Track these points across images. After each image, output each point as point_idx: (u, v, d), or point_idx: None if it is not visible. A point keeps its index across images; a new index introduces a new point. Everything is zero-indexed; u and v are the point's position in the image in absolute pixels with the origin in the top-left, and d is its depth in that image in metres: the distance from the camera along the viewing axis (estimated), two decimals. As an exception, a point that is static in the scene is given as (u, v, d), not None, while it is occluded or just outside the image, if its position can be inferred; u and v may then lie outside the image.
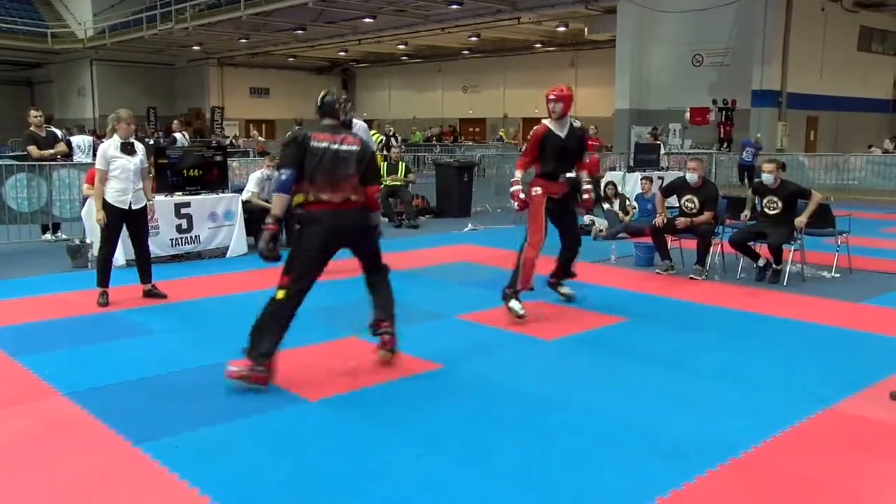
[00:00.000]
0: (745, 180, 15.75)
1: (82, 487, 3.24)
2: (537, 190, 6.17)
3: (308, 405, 4.18)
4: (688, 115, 19.90)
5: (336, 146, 4.51)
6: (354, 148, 4.57)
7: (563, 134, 6.15)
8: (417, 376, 4.66)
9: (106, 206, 6.27)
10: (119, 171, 6.26)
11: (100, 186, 6.28)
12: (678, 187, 8.04)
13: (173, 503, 3.11)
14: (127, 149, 6.33)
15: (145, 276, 6.71)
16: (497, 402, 4.24)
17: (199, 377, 4.65)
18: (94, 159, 11.53)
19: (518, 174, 6.29)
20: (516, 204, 6.30)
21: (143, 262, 6.69)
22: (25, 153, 10.35)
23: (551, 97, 6.13)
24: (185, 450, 3.58)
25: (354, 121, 6.86)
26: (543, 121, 6.21)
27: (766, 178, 7.57)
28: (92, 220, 8.34)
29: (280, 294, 4.41)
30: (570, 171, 6.23)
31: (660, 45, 21.35)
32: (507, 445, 3.65)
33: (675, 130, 19.41)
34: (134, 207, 6.36)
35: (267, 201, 9.38)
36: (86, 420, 3.95)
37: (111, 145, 6.32)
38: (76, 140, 13.96)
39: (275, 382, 4.42)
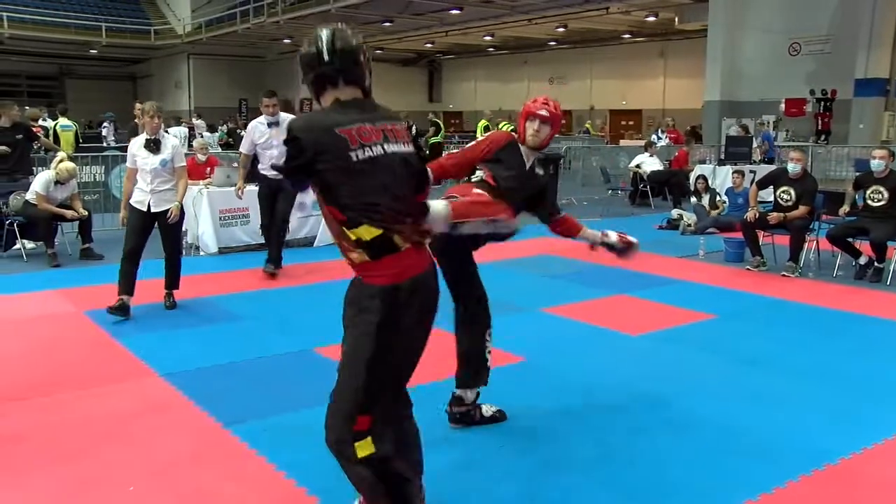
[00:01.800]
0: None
1: (175, 464, 3.38)
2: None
3: (391, 393, 4.23)
4: (783, 106, 19.11)
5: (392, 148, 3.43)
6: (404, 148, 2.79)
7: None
8: (500, 368, 4.64)
9: (130, 207, 5.88)
10: (140, 170, 5.82)
11: (128, 184, 5.92)
12: (776, 178, 7.77)
13: (260, 484, 3.20)
14: (150, 146, 5.78)
15: (168, 282, 6.12)
16: (579, 397, 4.20)
17: (284, 363, 4.78)
18: (189, 149, 11.99)
19: None
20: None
21: (168, 268, 6.10)
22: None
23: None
24: (271, 433, 3.69)
25: (283, 116, 7.11)
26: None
27: (876, 164, 7.23)
28: (187, 208, 8.70)
29: (361, 450, 2.61)
30: None
31: (754, 33, 20.56)
32: (589, 441, 3.61)
33: (768, 122, 18.68)
34: (154, 210, 5.80)
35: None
36: (180, 401, 4.12)
37: (136, 142, 5.90)
38: (173, 131, 14.54)
39: None
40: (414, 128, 12.28)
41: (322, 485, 3.15)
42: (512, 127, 17.86)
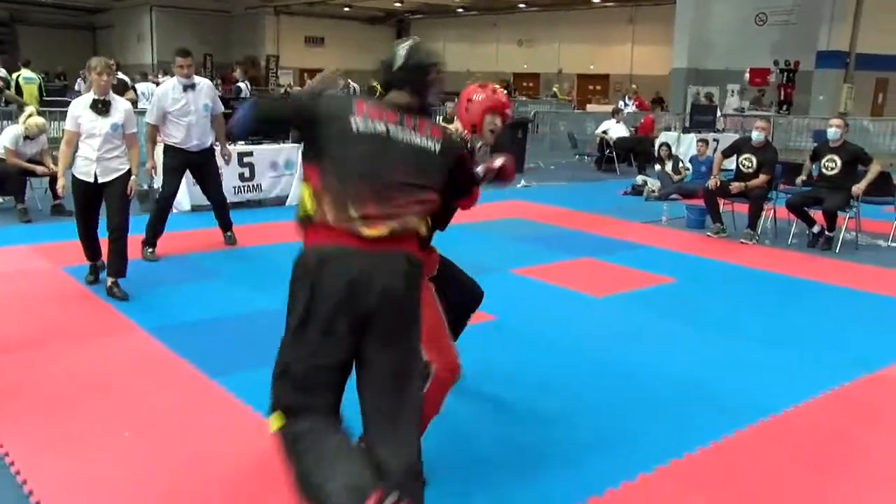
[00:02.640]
0: None
1: (165, 414, 3.55)
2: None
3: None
4: (747, 76, 19.47)
5: (409, 137, 3.10)
6: (430, 146, 2.68)
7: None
8: (472, 326, 4.85)
9: (73, 178, 5.28)
10: (84, 134, 5.19)
11: (66, 150, 5.27)
12: (739, 146, 8.05)
13: (248, 431, 3.39)
14: (98, 107, 5.16)
15: (113, 268, 5.33)
16: (547, 354, 4.45)
17: (265, 320, 4.91)
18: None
19: None
20: None
21: (113, 251, 5.31)
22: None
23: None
24: (259, 385, 3.86)
25: (198, 81, 6.58)
26: None
27: (832, 133, 7.51)
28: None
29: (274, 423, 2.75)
30: None
31: (721, 2, 20.82)
32: (554, 391, 3.87)
33: (732, 91, 19.04)
34: (101, 180, 5.24)
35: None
36: (166, 354, 4.27)
37: (79, 103, 5.24)
38: (140, 87, 14.38)
39: None
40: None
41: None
42: (567, 88, 17.89)
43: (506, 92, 3.50)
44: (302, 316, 2.40)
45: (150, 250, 6.48)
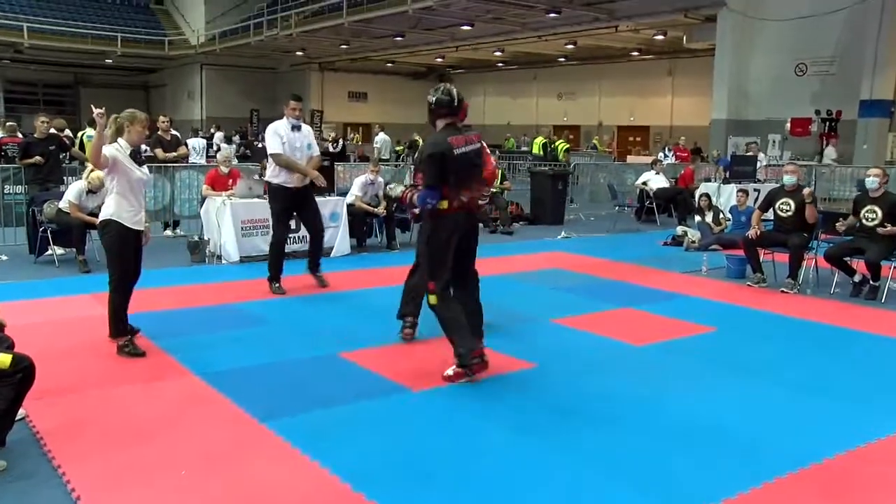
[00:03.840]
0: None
1: (217, 454, 3.71)
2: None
3: (411, 394, 4.57)
4: (788, 125, 19.43)
5: (469, 148, 4.69)
6: (479, 146, 4.84)
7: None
8: (513, 374, 4.98)
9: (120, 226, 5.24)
10: (136, 182, 5.28)
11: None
12: (774, 195, 8.09)
13: (297, 472, 3.53)
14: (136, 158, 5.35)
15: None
16: (586, 399, 4.52)
17: (312, 366, 5.10)
18: (207, 161, 12.35)
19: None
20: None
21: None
22: (153, 155, 11.18)
23: None
24: (305, 428, 4.02)
25: (303, 125, 7.31)
26: None
27: (870, 182, 7.51)
28: (210, 218, 9.06)
29: (432, 300, 4.75)
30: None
31: (760, 53, 20.91)
32: (595, 439, 3.94)
33: (773, 142, 18.99)
34: (137, 229, 5.39)
35: (369, 204, 9.90)
36: (217, 397, 4.45)
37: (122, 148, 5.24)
38: (192, 143, 14.93)
39: (366, 366, 4.91)
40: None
41: (354, 473, 3.48)
42: (545, 141, 18.29)
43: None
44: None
45: (277, 285, 7.24)
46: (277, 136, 7.17)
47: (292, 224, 9.11)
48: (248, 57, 33.69)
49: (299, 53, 33.17)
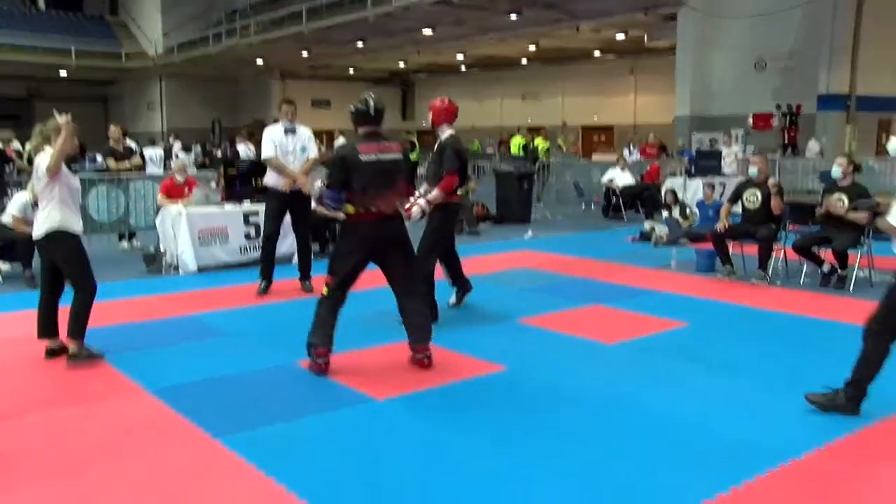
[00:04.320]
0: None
1: (168, 476, 3.46)
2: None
3: (375, 404, 4.35)
4: (750, 120, 19.58)
5: (385, 157, 4.74)
6: (398, 157, 4.84)
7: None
8: (480, 378, 4.79)
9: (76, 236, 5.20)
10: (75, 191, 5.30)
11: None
12: (741, 188, 8.03)
13: (255, 494, 3.29)
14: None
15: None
16: (559, 403, 4.34)
17: (269, 377, 4.87)
18: (164, 170, 12.04)
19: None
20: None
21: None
22: (105, 166, 10.84)
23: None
24: (262, 443, 3.78)
25: (298, 127, 7.44)
26: None
27: (836, 171, 7.48)
28: (166, 228, 8.76)
29: (324, 290, 4.87)
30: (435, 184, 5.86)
31: (721, 50, 21.04)
32: (570, 445, 3.75)
33: (737, 136, 19.09)
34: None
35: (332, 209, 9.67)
36: (169, 415, 4.19)
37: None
38: (148, 153, 14.57)
39: (330, 375, 4.76)
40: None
41: (315, 491, 3.26)
42: (525, 142, 18.29)
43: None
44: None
45: (263, 284, 7.30)
46: (271, 140, 7.29)
47: (252, 232, 8.90)
48: (209, 67, 33.23)
49: (260, 62, 32.80)
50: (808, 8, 19.01)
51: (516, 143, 18.65)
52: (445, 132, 6.06)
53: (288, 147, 7.27)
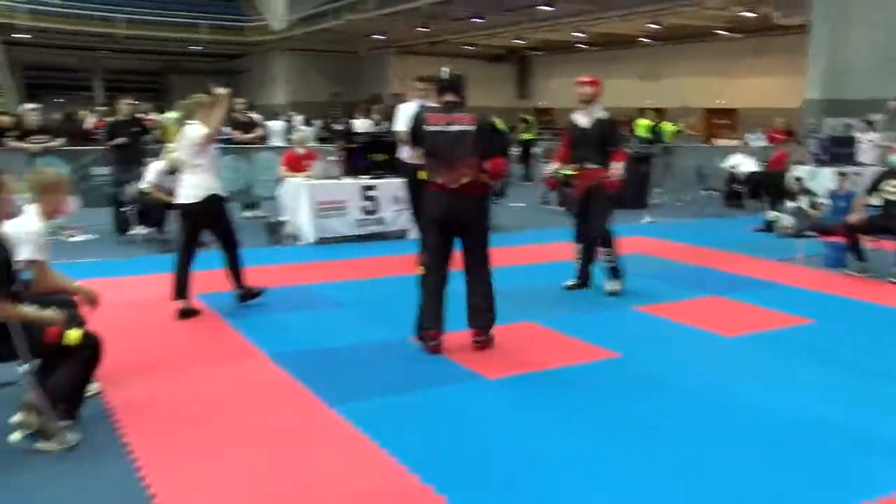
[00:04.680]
0: None
1: (284, 438, 3.60)
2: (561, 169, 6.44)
3: (487, 382, 4.36)
4: (893, 104, 18.26)
5: (452, 128, 4.61)
6: (470, 128, 4.64)
7: (586, 124, 6.24)
8: (595, 363, 4.72)
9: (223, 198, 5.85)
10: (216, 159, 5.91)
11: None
12: (880, 177, 7.52)
13: (366, 463, 3.38)
14: None
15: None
16: (675, 396, 4.21)
17: (383, 349, 4.97)
18: (287, 143, 12.41)
19: (554, 166, 6.59)
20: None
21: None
22: (230, 136, 11.27)
23: (582, 80, 6.37)
24: (374, 414, 3.87)
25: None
26: (572, 113, 6.45)
27: None
28: (286, 199, 9.05)
29: (419, 269, 4.86)
30: (596, 160, 6.21)
31: (860, 27, 19.66)
32: (684, 443, 3.62)
33: (877, 122, 17.87)
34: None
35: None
36: (287, 380, 4.35)
37: None
38: (271, 125, 15.07)
39: (444, 352, 4.79)
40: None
41: (422, 464, 3.31)
42: (652, 124, 17.94)
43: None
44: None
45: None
46: (406, 116, 7.46)
47: (370, 206, 9.08)
48: (328, 42, 33.95)
49: (378, 37, 33.24)
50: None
51: (642, 125, 18.05)
52: (600, 109, 6.30)
53: None
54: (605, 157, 6.20)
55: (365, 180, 9.03)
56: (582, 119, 6.32)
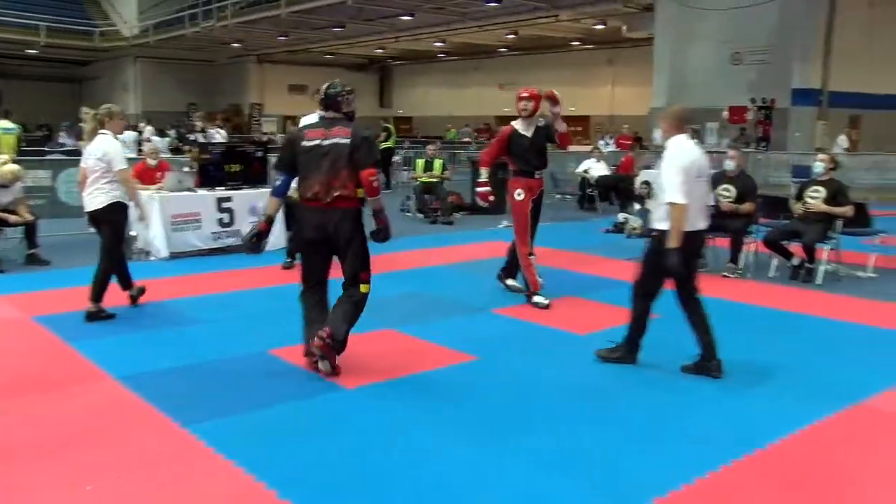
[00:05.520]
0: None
1: (133, 464, 3.43)
2: (520, 193, 6.47)
3: (346, 392, 4.34)
4: (726, 113, 19.72)
5: (327, 142, 4.51)
6: (345, 140, 4.52)
7: (529, 133, 6.53)
8: (453, 367, 4.80)
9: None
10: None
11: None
12: (715, 179, 8.07)
13: (223, 483, 3.28)
14: None
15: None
16: (531, 393, 4.36)
17: (240, 365, 4.84)
18: (138, 154, 11.91)
19: (483, 173, 6.71)
20: (486, 203, 6.90)
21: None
22: (77, 148, 10.67)
23: (522, 96, 6.61)
24: (230, 432, 3.76)
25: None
26: (512, 122, 6.63)
27: (819, 167, 7.61)
28: (137, 214, 8.64)
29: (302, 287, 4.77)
30: (544, 168, 6.70)
31: (698, 42, 21.13)
32: (541, 433, 3.77)
33: (711, 130, 19.24)
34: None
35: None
36: (136, 403, 4.15)
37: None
38: (121, 135, 14.36)
39: (301, 364, 4.72)
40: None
41: (284, 481, 3.24)
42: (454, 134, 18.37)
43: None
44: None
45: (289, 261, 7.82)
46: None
47: (225, 218, 8.83)
48: (185, 49, 32.75)
49: (236, 45, 32.41)
50: (784, 2, 19.15)
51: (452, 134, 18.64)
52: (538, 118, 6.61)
53: None
54: (545, 164, 6.64)
55: (220, 192, 8.78)
56: (524, 128, 6.54)
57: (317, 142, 4.55)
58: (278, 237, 9.05)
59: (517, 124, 6.57)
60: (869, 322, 6.01)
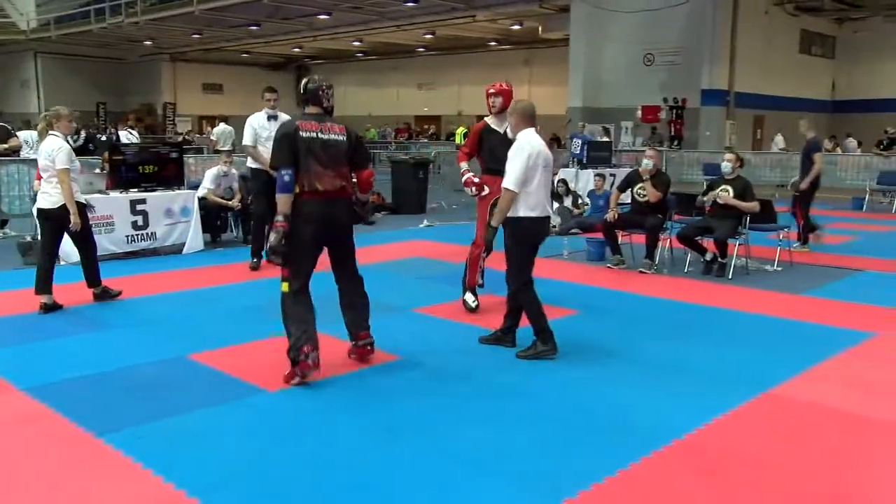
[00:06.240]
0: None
1: (45, 477, 3.28)
2: (487, 190, 6.23)
3: (267, 395, 4.27)
4: (639, 113, 20.32)
5: (324, 135, 4.51)
6: (341, 138, 4.60)
7: (501, 129, 6.21)
8: (375, 368, 4.78)
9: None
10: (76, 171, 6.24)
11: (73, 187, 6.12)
12: (632, 178, 8.30)
13: (141, 493, 3.17)
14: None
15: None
16: (454, 391, 4.39)
17: (157, 371, 4.70)
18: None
19: (463, 165, 6.41)
20: (473, 189, 6.27)
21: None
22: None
23: (491, 91, 6.36)
24: (148, 440, 3.64)
25: (280, 114, 7.57)
26: (485, 117, 6.36)
27: (726, 166, 7.89)
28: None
29: (284, 287, 4.53)
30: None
31: (612, 44, 21.71)
32: (464, 431, 3.79)
33: (626, 128, 19.79)
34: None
35: (223, 197, 9.40)
36: (46, 414, 3.98)
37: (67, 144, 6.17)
38: (23, 135, 13.69)
39: (221, 368, 4.54)
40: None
41: (203, 487, 3.16)
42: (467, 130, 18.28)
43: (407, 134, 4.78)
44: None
45: (255, 261, 7.84)
46: (251, 127, 7.85)
47: (139, 221, 8.54)
48: (92, 46, 31.55)
49: (148, 43, 31.45)
50: (693, 5, 19.85)
51: (460, 132, 18.63)
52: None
53: (272, 135, 6.99)
54: None
55: (134, 194, 8.49)
56: (496, 124, 6.25)
57: (314, 134, 4.50)
58: (195, 238, 8.85)
59: (489, 120, 6.36)
60: (775, 314, 6.28)
